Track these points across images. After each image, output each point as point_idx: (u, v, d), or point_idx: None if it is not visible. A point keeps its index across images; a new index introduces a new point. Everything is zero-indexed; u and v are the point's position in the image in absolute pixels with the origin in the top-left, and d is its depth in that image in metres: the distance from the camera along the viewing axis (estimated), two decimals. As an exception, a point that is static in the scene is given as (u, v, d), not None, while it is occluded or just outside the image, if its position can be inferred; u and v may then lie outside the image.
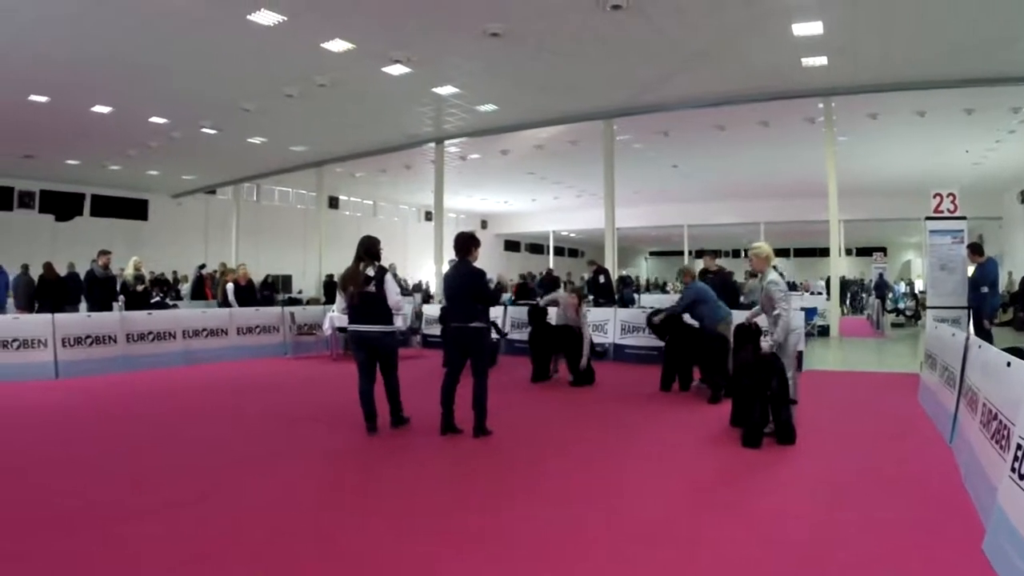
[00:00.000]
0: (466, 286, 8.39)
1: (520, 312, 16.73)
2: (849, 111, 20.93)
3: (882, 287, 28.16)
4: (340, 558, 4.67)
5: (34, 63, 17.10)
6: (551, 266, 38.31)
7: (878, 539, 4.95)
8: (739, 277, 18.84)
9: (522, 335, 15.66)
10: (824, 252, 24.34)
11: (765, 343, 8.21)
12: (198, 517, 5.45)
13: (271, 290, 29.56)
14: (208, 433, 8.75)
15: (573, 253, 59.99)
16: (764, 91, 19.52)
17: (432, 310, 18.75)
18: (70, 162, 29.75)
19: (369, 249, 8.61)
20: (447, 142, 26.62)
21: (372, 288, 8.43)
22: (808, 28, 15.01)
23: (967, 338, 8.05)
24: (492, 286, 11.68)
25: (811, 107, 20.82)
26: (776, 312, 8.11)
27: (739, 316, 10.58)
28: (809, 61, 17.03)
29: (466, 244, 8.52)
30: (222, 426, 9.22)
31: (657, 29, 15.11)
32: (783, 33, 15.27)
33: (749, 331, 8.65)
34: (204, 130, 24.23)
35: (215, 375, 13.83)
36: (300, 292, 33.33)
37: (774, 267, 8.75)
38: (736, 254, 50.04)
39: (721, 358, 10.77)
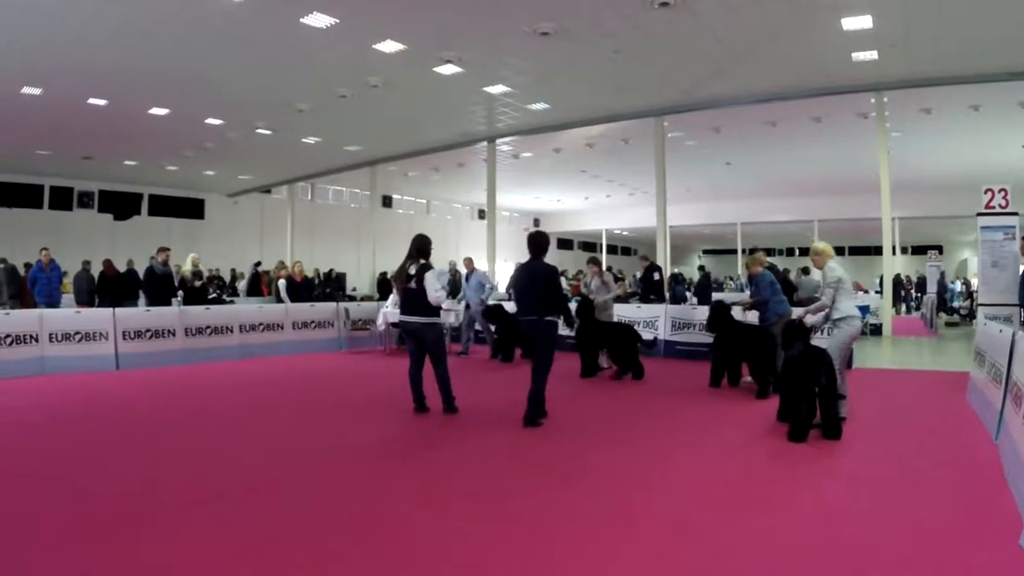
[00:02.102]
0: (540, 282, 8.93)
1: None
2: (902, 106, 20.81)
3: (941, 286, 27.94)
4: (383, 536, 5.03)
5: (92, 68, 17.83)
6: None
7: (916, 533, 5.07)
8: (785, 276, 18.87)
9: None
10: (879, 250, 24.23)
11: (810, 318, 8.76)
12: (257, 502, 5.87)
13: (335, 286, 30.21)
14: (265, 423, 9.24)
15: (626, 251, 60.00)
16: (815, 86, 19.52)
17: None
18: (128, 163, 30.73)
19: (420, 247, 9.43)
20: (499, 140, 26.93)
21: (413, 285, 9.23)
22: (857, 22, 14.97)
23: (1014, 333, 8.13)
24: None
25: (863, 102, 20.72)
26: (823, 300, 8.64)
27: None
28: (859, 55, 16.99)
29: (541, 243, 9.14)
30: (279, 416, 9.70)
31: (705, 25, 15.24)
32: (832, 27, 15.26)
33: (798, 327, 8.86)
34: (259, 131, 24.87)
35: (271, 368, 14.29)
36: (354, 290, 33.87)
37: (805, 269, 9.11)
38: (790, 252, 49.67)
39: (769, 354, 10.99)
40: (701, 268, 27.47)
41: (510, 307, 14.48)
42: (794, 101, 20.72)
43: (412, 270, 9.32)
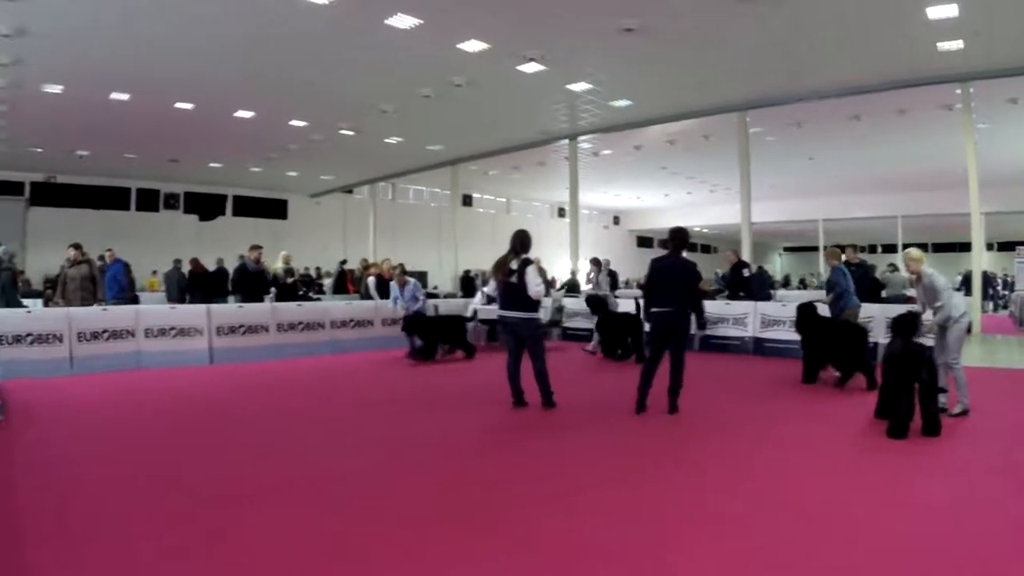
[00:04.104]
0: (680, 277, 9.27)
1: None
2: (988, 96, 20.38)
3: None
4: (474, 524, 5.34)
5: (178, 73, 18.65)
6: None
7: (1012, 532, 5.07)
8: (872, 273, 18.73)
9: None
10: (965, 247, 23.74)
11: (927, 316, 8.96)
12: (361, 492, 6.31)
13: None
14: (365, 415, 9.70)
15: (706, 249, 59.53)
16: (899, 78, 19.22)
17: (574, 304, 19.41)
18: (213, 165, 31.91)
19: (522, 242, 9.65)
20: (580, 138, 27.16)
21: (514, 279, 9.42)
22: (942, 11, 14.75)
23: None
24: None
25: (948, 93, 20.23)
26: (939, 303, 8.82)
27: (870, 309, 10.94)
28: (945, 45, 16.68)
29: (683, 237, 9.51)
30: (377, 409, 10.15)
31: (788, 18, 15.28)
32: (917, 17, 15.06)
33: (910, 322, 8.82)
34: (342, 132, 25.53)
35: (362, 363, 14.67)
36: (436, 288, 34.37)
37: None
38: (872, 249, 48.80)
39: (860, 347, 11.27)
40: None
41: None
42: (877, 94, 20.45)
43: (514, 264, 9.46)
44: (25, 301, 16.60)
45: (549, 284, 21.05)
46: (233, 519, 5.35)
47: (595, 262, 18.29)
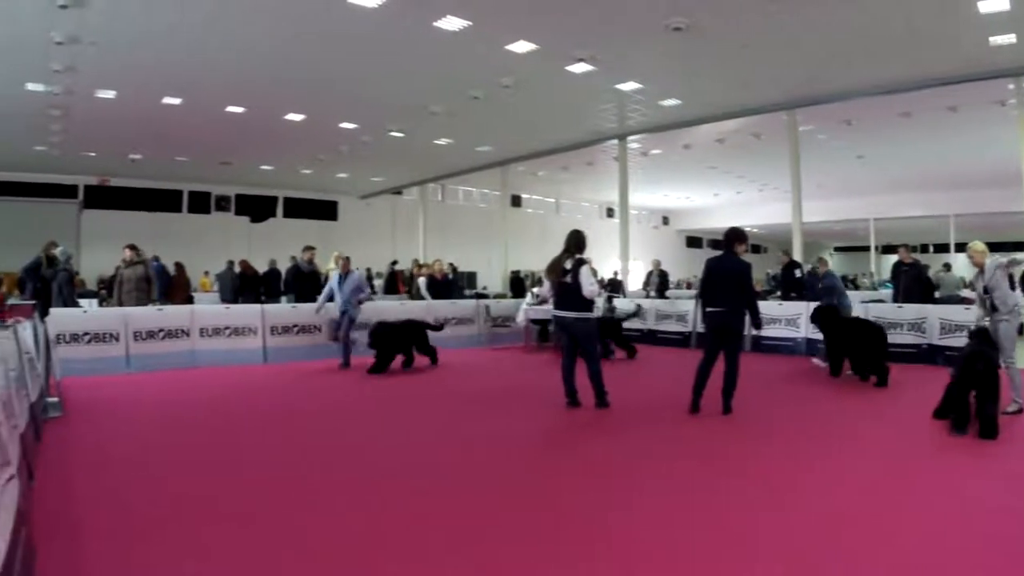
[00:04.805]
0: (734, 277, 9.34)
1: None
2: None
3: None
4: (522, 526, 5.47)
5: (229, 77, 19.03)
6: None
7: None
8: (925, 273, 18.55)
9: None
10: (1018, 246, 23.34)
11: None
12: (427, 485, 6.48)
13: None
14: (416, 413, 9.88)
15: (755, 249, 59.03)
16: (950, 74, 18.85)
17: (626, 304, 19.46)
18: (264, 167, 32.37)
19: (576, 243, 9.78)
20: (629, 138, 27.13)
21: (568, 279, 9.54)
22: (994, 4, 14.50)
23: None
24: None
25: (1001, 89, 19.87)
26: (998, 293, 8.95)
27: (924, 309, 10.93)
28: (997, 39, 16.38)
29: (734, 238, 9.55)
30: (433, 407, 10.38)
31: (836, 14, 15.16)
32: (968, 11, 14.83)
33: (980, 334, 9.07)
34: (392, 133, 25.76)
35: (415, 363, 14.64)
36: (485, 288, 34.51)
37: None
38: (924, 249, 48.14)
39: (881, 345, 11.77)
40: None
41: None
42: (928, 90, 20.09)
43: (568, 264, 9.58)
44: (80, 301, 16.99)
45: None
46: (291, 521, 5.43)
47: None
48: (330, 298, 14.61)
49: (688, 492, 6.02)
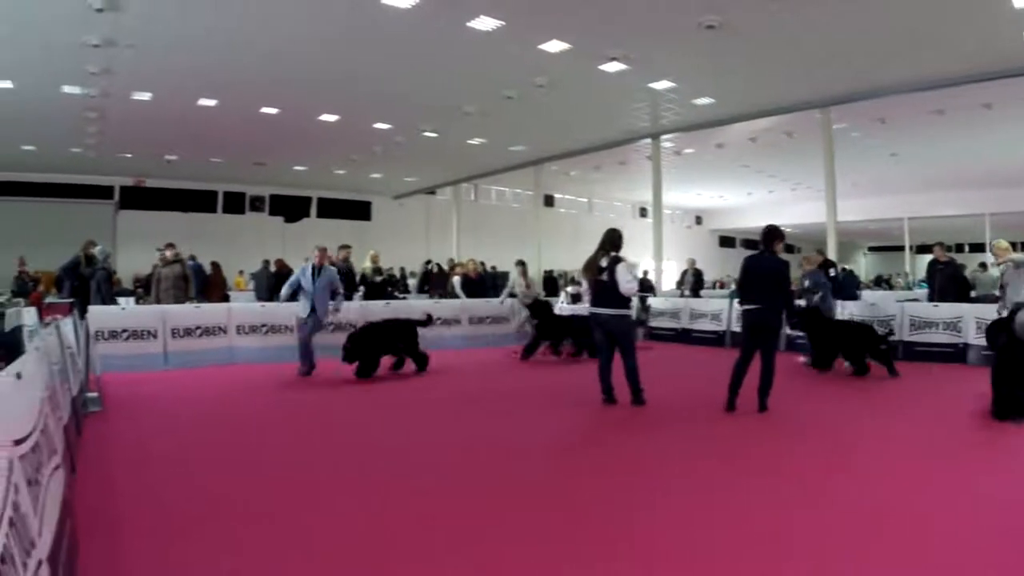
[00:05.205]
0: (771, 274, 9.39)
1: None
2: None
3: None
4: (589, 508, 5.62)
5: (264, 78, 19.16)
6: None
7: None
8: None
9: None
10: None
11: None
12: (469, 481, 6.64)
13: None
14: (452, 411, 9.95)
15: (789, 249, 58.63)
16: (985, 70, 18.50)
17: (660, 303, 19.40)
18: (298, 168, 32.61)
19: (612, 240, 9.89)
20: (663, 137, 27.04)
21: (604, 277, 9.63)
22: None
23: None
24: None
25: None
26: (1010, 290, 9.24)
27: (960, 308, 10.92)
28: None
29: (772, 236, 9.60)
30: (469, 405, 10.44)
31: (869, 11, 15.01)
32: (1002, 6, 14.59)
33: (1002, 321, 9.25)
34: (425, 134, 25.86)
35: (450, 361, 14.75)
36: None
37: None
38: (959, 248, 47.62)
39: (872, 340, 12.60)
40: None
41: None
42: (963, 87, 19.73)
43: (604, 262, 9.70)
44: (118, 299, 17.25)
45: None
46: (316, 517, 5.55)
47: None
48: (295, 292, 13.08)
49: (716, 491, 6.02)
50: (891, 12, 15.14)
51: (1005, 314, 9.29)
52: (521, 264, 17.76)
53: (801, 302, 13.73)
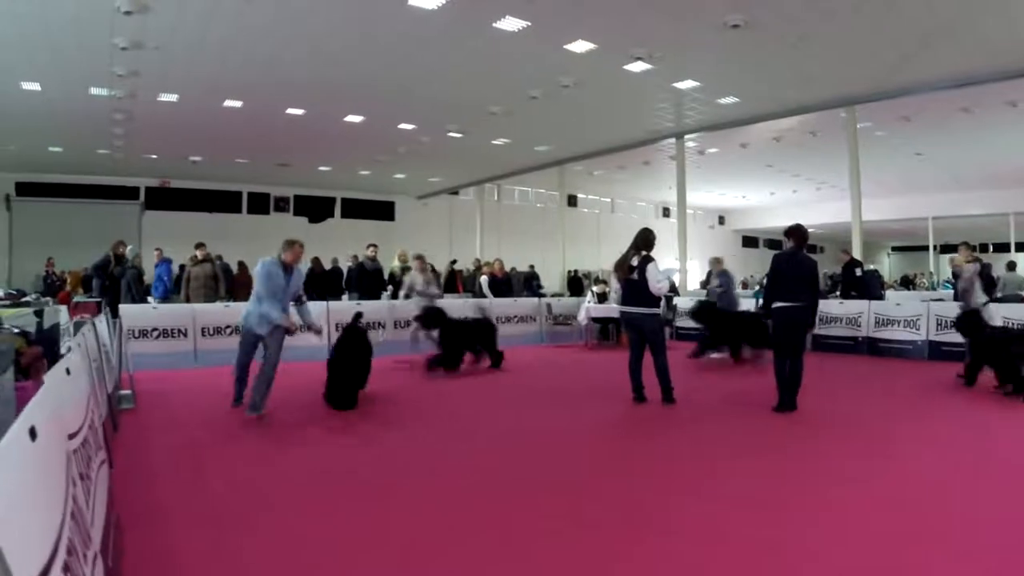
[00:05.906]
0: (802, 272, 9.42)
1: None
2: None
3: None
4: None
5: (290, 80, 19.31)
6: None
7: None
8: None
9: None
10: None
11: None
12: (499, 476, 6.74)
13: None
14: (481, 410, 10.03)
15: (812, 249, 58.40)
16: (1011, 68, 18.40)
17: (686, 303, 19.43)
18: (322, 168, 32.85)
19: (644, 240, 10.01)
20: (686, 137, 27.04)
21: (635, 276, 9.76)
22: None
23: None
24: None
25: None
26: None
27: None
28: None
29: (804, 234, 9.69)
30: (496, 401, 10.61)
31: (895, 9, 14.97)
32: None
33: None
34: (450, 134, 25.99)
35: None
36: (542, 288, 34.68)
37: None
38: (984, 248, 47.29)
39: (762, 331, 13.32)
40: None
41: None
42: (988, 85, 19.67)
43: (635, 261, 9.82)
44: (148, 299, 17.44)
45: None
46: (356, 508, 5.64)
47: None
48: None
49: (773, 489, 6.01)
50: (915, 10, 15.10)
51: None
52: (419, 258, 15.92)
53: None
